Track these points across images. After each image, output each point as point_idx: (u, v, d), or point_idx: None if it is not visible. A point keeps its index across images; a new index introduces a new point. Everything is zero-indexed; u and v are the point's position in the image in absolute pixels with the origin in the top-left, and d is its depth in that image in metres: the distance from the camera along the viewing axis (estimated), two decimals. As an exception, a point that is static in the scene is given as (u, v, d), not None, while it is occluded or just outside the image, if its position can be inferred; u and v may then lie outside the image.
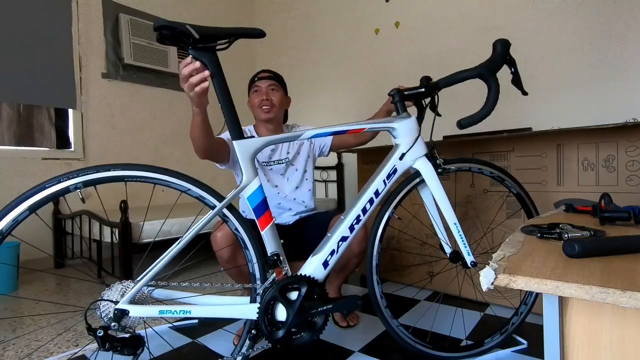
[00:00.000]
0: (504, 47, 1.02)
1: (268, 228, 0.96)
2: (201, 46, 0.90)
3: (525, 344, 1.24)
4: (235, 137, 0.94)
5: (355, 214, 1.05)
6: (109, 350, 0.81)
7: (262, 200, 0.96)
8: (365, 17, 3.25)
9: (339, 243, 1.04)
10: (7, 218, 0.75)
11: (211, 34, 0.90)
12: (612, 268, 0.47)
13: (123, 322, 0.83)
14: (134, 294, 0.84)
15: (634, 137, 1.31)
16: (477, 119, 1.00)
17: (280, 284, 0.95)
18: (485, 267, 0.50)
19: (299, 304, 0.95)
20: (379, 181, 1.08)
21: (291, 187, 1.50)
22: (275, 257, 0.97)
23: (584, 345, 0.49)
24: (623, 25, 2.10)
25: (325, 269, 1.02)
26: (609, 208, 0.81)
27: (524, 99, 2.47)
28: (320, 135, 1.05)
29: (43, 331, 1.48)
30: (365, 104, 3.26)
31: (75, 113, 2.75)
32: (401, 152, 1.11)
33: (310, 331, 0.96)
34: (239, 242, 0.98)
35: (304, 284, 0.96)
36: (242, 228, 0.96)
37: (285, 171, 1.50)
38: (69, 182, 0.80)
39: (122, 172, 0.84)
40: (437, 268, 1.80)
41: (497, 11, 2.55)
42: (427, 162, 1.13)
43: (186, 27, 0.87)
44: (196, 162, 3.17)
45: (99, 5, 2.85)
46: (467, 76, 1.03)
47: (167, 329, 1.47)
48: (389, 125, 1.12)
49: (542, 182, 1.50)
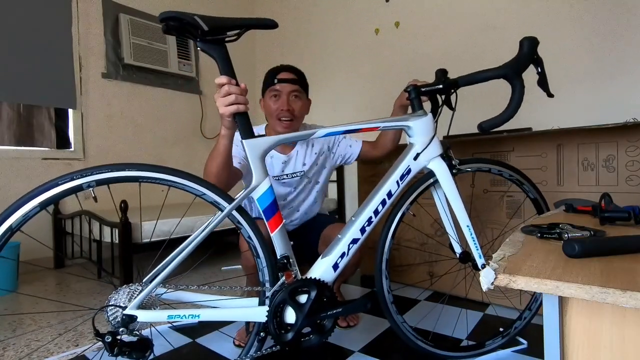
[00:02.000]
0: (531, 45, 0.96)
1: (278, 230, 0.94)
2: (210, 38, 0.86)
3: (525, 344, 1.24)
4: (245, 136, 0.91)
5: (367, 216, 1.02)
6: (118, 355, 0.79)
7: (273, 201, 0.93)
8: (365, 17, 3.25)
9: (350, 245, 1.01)
10: (17, 213, 0.74)
11: (220, 25, 0.86)
12: (612, 268, 0.47)
13: (131, 327, 0.81)
14: (142, 299, 0.82)
15: (634, 137, 1.31)
16: (500, 121, 0.96)
17: (290, 287, 0.93)
18: (485, 267, 0.50)
19: (308, 307, 0.94)
20: (392, 182, 1.04)
21: (304, 202, 1.43)
22: (285, 259, 0.94)
23: (584, 345, 0.49)
24: (623, 25, 2.10)
25: (335, 272, 1.00)
26: (609, 208, 0.81)
27: (524, 99, 2.47)
28: (333, 133, 1.01)
29: (43, 331, 1.48)
30: (365, 104, 3.27)
31: (75, 113, 2.75)
32: (416, 152, 1.06)
33: (319, 334, 0.96)
34: (251, 250, 0.95)
35: (314, 287, 0.95)
36: (255, 236, 0.94)
37: (299, 185, 1.40)
38: (82, 180, 0.79)
39: (137, 173, 0.82)
40: (438, 268, 1.80)
41: (497, 11, 2.54)
42: (442, 163, 1.09)
43: (194, 17, 0.83)
44: (197, 162, 3.16)
45: (99, 5, 2.85)
46: (491, 76, 0.97)
47: (167, 329, 1.47)
48: (405, 124, 1.07)
49: (542, 182, 1.50)
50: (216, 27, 0.86)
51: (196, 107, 3.44)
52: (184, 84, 3.35)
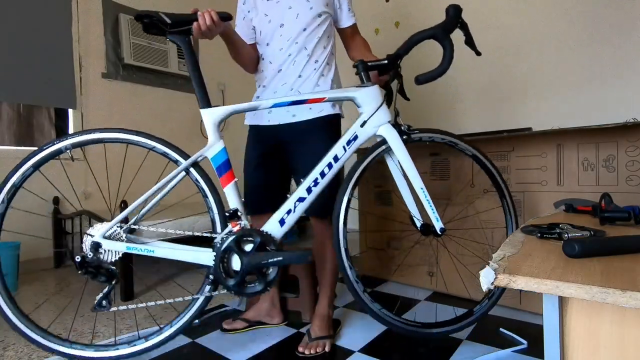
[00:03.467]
0: (456, 11, 1.10)
1: (230, 185, 1.08)
2: (174, 30, 1.06)
3: (525, 344, 1.24)
4: (203, 106, 1.10)
5: (313, 177, 1.10)
6: (85, 274, 0.99)
7: (226, 160, 1.09)
8: (365, 17, 3.24)
9: (296, 203, 1.10)
10: (17, 174, 1.02)
11: (182, 19, 1.06)
12: (612, 268, 0.47)
13: (99, 254, 1.01)
14: (106, 230, 1.02)
15: (634, 137, 1.31)
16: (435, 75, 1.07)
17: (236, 235, 1.04)
18: (485, 267, 0.50)
19: (251, 255, 1.04)
20: (338, 147, 1.12)
21: (299, 26, 1.26)
22: (234, 211, 1.06)
23: (584, 345, 0.49)
24: (623, 25, 2.10)
25: (281, 227, 1.10)
26: (609, 208, 0.81)
27: (524, 99, 2.47)
28: (280, 104, 1.10)
29: (43, 331, 1.48)
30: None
31: (75, 113, 2.75)
32: (363, 119, 1.14)
33: (262, 282, 1.05)
34: (200, 191, 1.10)
35: (257, 236, 1.05)
36: (210, 192, 1.09)
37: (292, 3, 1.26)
38: (61, 144, 1.04)
39: (100, 135, 1.06)
40: (438, 268, 1.80)
41: (497, 11, 2.55)
42: (392, 129, 1.14)
43: (159, 14, 1.03)
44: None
45: (99, 5, 2.85)
46: (423, 37, 1.10)
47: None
48: (350, 95, 1.15)
49: (542, 182, 1.50)
50: (178, 21, 1.06)
51: (196, 107, 3.38)
52: (184, 84, 3.35)
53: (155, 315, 1.62)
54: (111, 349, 1.09)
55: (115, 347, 1.10)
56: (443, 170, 1.78)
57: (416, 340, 1.30)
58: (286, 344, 1.32)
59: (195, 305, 1.10)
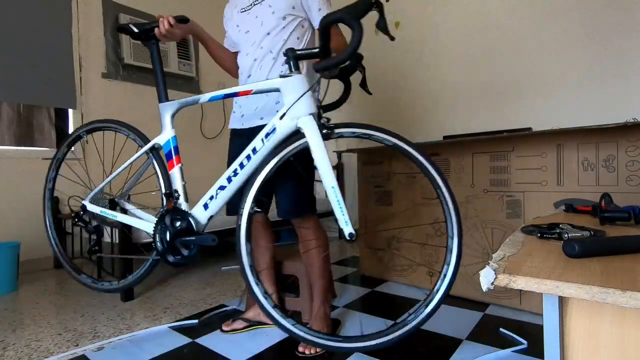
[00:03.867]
0: None
1: (174, 169, 1.25)
2: (143, 37, 1.28)
3: (525, 344, 1.24)
4: (161, 100, 1.27)
5: (233, 168, 1.16)
6: (76, 225, 1.50)
7: (174, 147, 1.26)
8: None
9: (217, 191, 1.19)
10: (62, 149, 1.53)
11: (145, 28, 1.26)
12: (612, 268, 0.47)
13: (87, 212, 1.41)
14: (91, 196, 1.42)
15: (634, 137, 1.31)
16: (337, 61, 1.00)
17: (166, 212, 1.21)
18: (485, 267, 0.50)
19: (174, 230, 1.19)
20: (257, 139, 1.13)
21: (263, 31, 1.29)
22: (173, 192, 1.24)
23: (584, 345, 0.49)
24: (623, 25, 2.10)
25: (205, 210, 1.21)
26: (609, 208, 0.81)
27: (524, 100, 2.47)
28: (216, 98, 1.19)
29: (43, 331, 1.48)
30: (364, 104, 3.26)
31: (75, 113, 2.75)
32: (282, 111, 1.09)
33: (183, 255, 1.21)
34: (155, 172, 1.30)
35: (183, 216, 1.21)
36: (157, 162, 1.30)
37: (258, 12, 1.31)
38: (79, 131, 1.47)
39: (99, 125, 1.45)
40: (438, 267, 1.80)
41: (497, 11, 2.55)
42: (312, 121, 1.06)
43: (129, 25, 1.26)
44: (197, 162, 3.17)
45: (99, 5, 2.85)
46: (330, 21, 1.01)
47: (166, 329, 1.47)
48: (274, 86, 1.12)
49: (542, 182, 1.50)
50: (143, 30, 1.26)
51: (196, 107, 3.44)
52: (184, 84, 3.35)
53: (155, 315, 1.62)
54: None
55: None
56: (443, 170, 1.78)
57: (416, 340, 1.30)
58: (286, 344, 1.33)
59: (146, 265, 1.33)
